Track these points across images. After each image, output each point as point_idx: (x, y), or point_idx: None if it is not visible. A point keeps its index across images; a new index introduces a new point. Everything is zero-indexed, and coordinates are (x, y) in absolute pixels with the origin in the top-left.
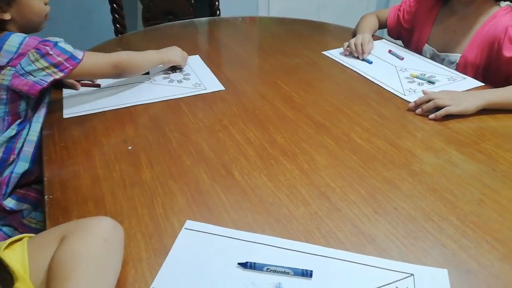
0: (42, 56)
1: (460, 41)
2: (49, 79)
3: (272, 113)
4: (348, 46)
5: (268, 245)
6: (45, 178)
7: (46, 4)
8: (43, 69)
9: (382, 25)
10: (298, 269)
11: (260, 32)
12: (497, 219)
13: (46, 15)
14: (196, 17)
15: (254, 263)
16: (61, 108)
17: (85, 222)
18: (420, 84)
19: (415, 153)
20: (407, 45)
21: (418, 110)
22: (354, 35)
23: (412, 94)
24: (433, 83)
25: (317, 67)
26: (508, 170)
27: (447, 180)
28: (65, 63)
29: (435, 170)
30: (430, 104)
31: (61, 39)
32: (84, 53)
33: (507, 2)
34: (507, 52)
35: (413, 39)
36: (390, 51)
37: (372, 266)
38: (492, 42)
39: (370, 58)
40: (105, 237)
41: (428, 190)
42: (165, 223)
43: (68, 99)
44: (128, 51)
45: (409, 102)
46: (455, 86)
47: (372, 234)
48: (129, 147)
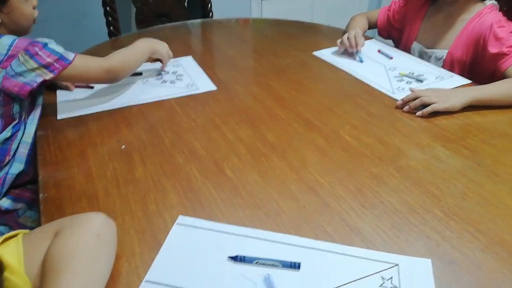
0: (31, 56)
1: (446, 38)
2: (39, 79)
3: (263, 113)
4: (341, 42)
5: (258, 238)
6: (39, 178)
7: (34, 8)
8: (33, 70)
9: (372, 26)
10: (287, 261)
11: (253, 33)
12: (480, 212)
13: (34, 19)
14: (189, 19)
15: (244, 257)
16: (55, 110)
17: (78, 217)
18: (409, 82)
19: (402, 149)
20: (397, 44)
21: (406, 108)
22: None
23: (401, 92)
24: (421, 81)
25: (308, 67)
26: (493, 164)
27: (432, 175)
28: (55, 63)
29: (421, 165)
30: (417, 102)
31: (52, 40)
32: (75, 55)
33: (492, 1)
34: (492, 49)
35: (403, 38)
36: (379, 51)
37: (358, 257)
38: (477, 39)
39: (361, 56)
40: (98, 232)
41: (414, 184)
42: (157, 219)
43: (62, 100)
44: (119, 50)
45: (398, 100)
46: (442, 84)
47: (359, 227)
48: (123, 147)
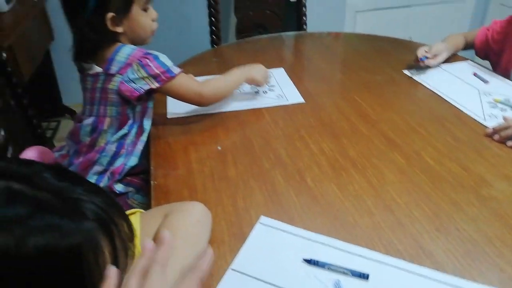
0: (143, 66)
1: None
2: (146, 87)
3: (347, 127)
4: (418, 50)
5: (332, 246)
6: (151, 167)
7: (153, 21)
8: (143, 78)
9: (469, 45)
10: (356, 271)
11: (344, 47)
12: None
13: (153, 31)
14: (284, 31)
15: (317, 261)
16: (166, 110)
17: (184, 204)
18: (503, 110)
19: (487, 178)
20: (495, 67)
21: (496, 137)
22: None
23: (493, 119)
24: None
25: (397, 85)
26: None
27: None
28: (161, 75)
29: (506, 198)
30: (510, 132)
31: (164, 55)
32: (180, 71)
33: None
34: None
35: (502, 61)
36: (475, 74)
37: (427, 278)
38: None
39: (452, 79)
40: (198, 218)
41: (495, 216)
42: (244, 215)
43: (171, 102)
44: (217, 78)
45: (488, 128)
46: None
47: (431, 250)
48: (219, 147)
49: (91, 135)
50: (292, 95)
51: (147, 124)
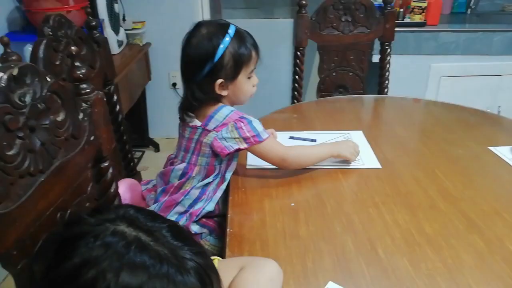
0: (236, 129)
1: None
2: (235, 146)
3: (424, 201)
4: None
5: None
6: (228, 215)
7: (253, 86)
8: (234, 138)
9: None
10: None
11: (425, 115)
12: None
13: (251, 95)
14: (364, 93)
15: None
16: (245, 161)
17: (259, 260)
18: None
19: None
20: None
21: None
22: None
23: None
24: None
25: (481, 162)
26: None
27: None
28: (251, 138)
29: None
30: None
31: (257, 120)
32: (268, 137)
33: None
34: None
35: None
36: None
37: None
38: None
39: None
40: (271, 277)
41: None
42: (312, 277)
43: (251, 155)
44: (304, 147)
45: None
46: None
47: None
48: (292, 204)
49: (180, 179)
50: (369, 159)
51: (228, 175)
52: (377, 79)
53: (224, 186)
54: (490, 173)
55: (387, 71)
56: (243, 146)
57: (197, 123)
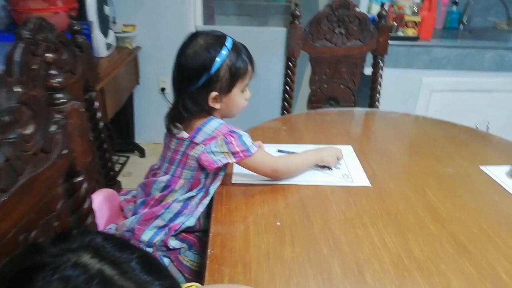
0: (226, 143)
1: None
2: (224, 161)
3: (413, 221)
4: None
5: None
6: (210, 234)
7: (246, 100)
8: (223, 153)
9: None
10: None
11: (415, 131)
12: None
13: (243, 108)
14: (355, 106)
15: None
16: (231, 174)
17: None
18: None
19: None
20: None
21: None
22: None
23: None
24: None
25: (471, 182)
26: None
27: None
28: (240, 153)
29: None
30: None
31: (246, 134)
32: (257, 150)
33: None
34: None
35: None
36: None
37: None
38: None
39: None
40: None
41: None
42: None
43: (237, 168)
44: (292, 156)
45: None
46: None
47: None
48: (278, 223)
49: (162, 191)
50: (358, 176)
51: (213, 189)
52: (367, 91)
53: (207, 200)
54: (481, 194)
55: (378, 85)
56: (232, 160)
57: (185, 135)
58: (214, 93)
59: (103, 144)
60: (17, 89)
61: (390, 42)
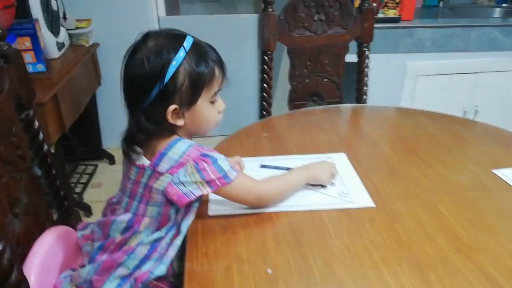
0: (198, 170)
1: None
2: (197, 193)
3: (432, 253)
4: None
5: None
6: None
7: (219, 113)
8: (195, 182)
9: None
10: None
11: (412, 128)
12: None
13: (217, 123)
14: (341, 102)
15: None
16: (207, 203)
17: None
18: None
19: None
20: None
21: None
22: None
23: None
24: None
25: (488, 192)
26: None
27: None
28: (216, 181)
29: None
30: None
31: (222, 155)
32: (237, 175)
33: None
34: None
35: None
36: None
37: None
38: None
39: None
40: None
41: None
42: None
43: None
44: (278, 178)
45: None
46: None
47: None
48: (269, 270)
49: (123, 233)
50: (358, 194)
51: (185, 225)
52: (350, 81)
53: (178, 241)
54: (502, 207)
55: (365, 76)
56: (207, 190)
57: (145, 162)
58: (172, 107)
59: (51, 169)
60: None
61: None
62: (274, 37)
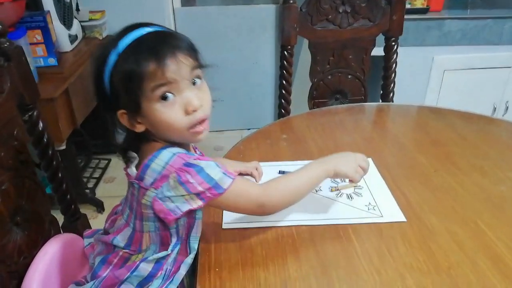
0: (181, 183)
1: None
2: (185, 208)
3: (474, 280)
4: None
5: None
6: None
7: (188, 113)
8: (182, 196)
9: None
10: None
11: (445, 131)
12: None
13: (187, 127)
14: (365, 100)
15: None
16: (221, 215)
17: None
18: None
19: None
20: None
21: None
22: None
23: None
24: None
25: None
26: None
27: None
28: (206, 192)
29: None
30: None
31: (212, 162)
32: (232, 182)
33: None
34: None
35: None
36: None
37: None
38: None
39: None
40: None
41: None
42: None
43: None
44: (285, 177)
45: None
46: None
47: None
48: None
49: (126, 248)
50: (387, 206)
51: (194, 241)
52: (374, 77)
53: (190, 259)
54: None
55: (393, 72)
56: (197, 204)
57: (133, 172)
58: (119, 112)
59: (57, 173)
60: None
61: None
62: (295, 31)
